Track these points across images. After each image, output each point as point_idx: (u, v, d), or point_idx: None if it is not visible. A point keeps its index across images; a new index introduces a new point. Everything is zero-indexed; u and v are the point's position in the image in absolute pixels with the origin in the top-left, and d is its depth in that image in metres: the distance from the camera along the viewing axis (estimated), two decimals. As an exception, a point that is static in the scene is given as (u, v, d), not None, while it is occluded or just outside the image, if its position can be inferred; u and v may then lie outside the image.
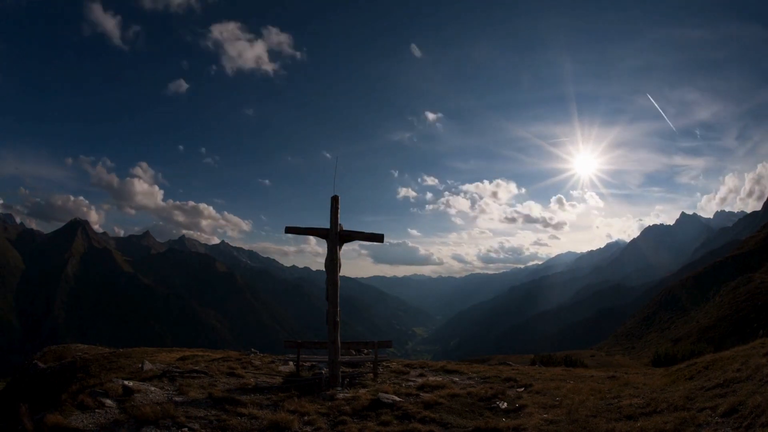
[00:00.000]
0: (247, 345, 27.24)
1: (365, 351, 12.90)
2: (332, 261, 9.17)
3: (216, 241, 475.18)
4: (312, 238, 9.82)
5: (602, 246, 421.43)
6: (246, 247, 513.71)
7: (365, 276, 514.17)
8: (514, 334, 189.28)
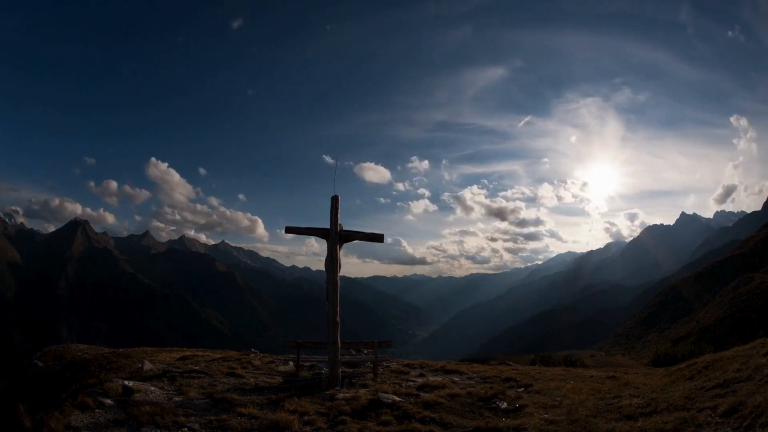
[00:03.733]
0: (247, 345, 27.28)
1: (365, 351, 12.89)
2: (332, 261, 9.17)
3: (216, 240, 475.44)
4: (312, 238, 9.81)
5: (602, 246, 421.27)
6: (247, 247, 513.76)
7: (365, 276, 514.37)
8: (514, 334, 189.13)
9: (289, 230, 9.87)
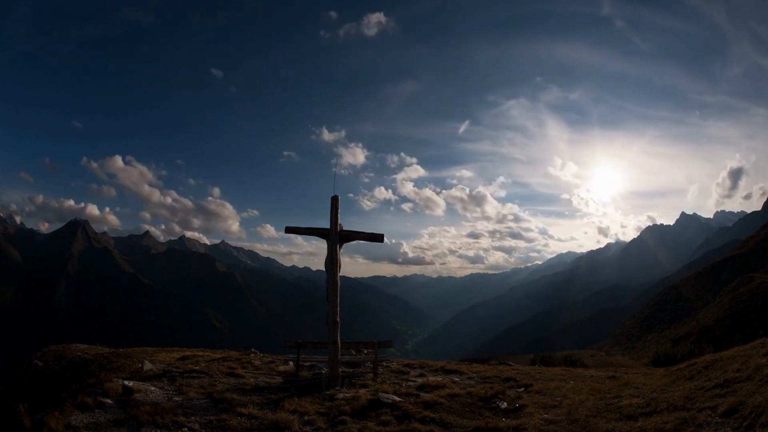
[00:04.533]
0: (247, 345, 27.34)
1: (365, 351, 12.88)
2: (332, 261, 9.17)
3: (216, 240, 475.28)
4: (312, 238, 9.81)
5: (602, 246, 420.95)
6: (247, 247, 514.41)
7: (365, 276, 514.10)
8: (513, 334, 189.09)
9: (289, 230, 9.88)
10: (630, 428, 5.42)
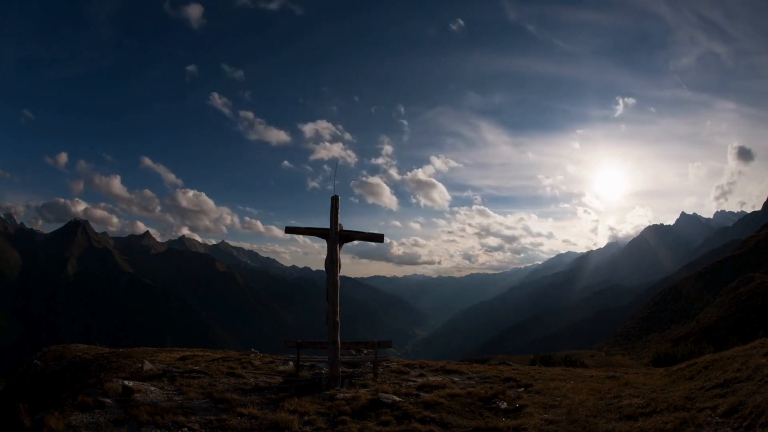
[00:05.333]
0: (247, 345, 27.38)
1: (365, 351, 12.87)
2: (332, 261, 9.17)
3: (216, 240, 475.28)
4: (311, 238, 9.81)
5: (602, 246, 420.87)
6: (247, 246, 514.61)
7: (365, 276, 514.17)
8: (514, 334, 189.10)
9: (289, 230, 9.88)
10: (630, 428, 5.42)
